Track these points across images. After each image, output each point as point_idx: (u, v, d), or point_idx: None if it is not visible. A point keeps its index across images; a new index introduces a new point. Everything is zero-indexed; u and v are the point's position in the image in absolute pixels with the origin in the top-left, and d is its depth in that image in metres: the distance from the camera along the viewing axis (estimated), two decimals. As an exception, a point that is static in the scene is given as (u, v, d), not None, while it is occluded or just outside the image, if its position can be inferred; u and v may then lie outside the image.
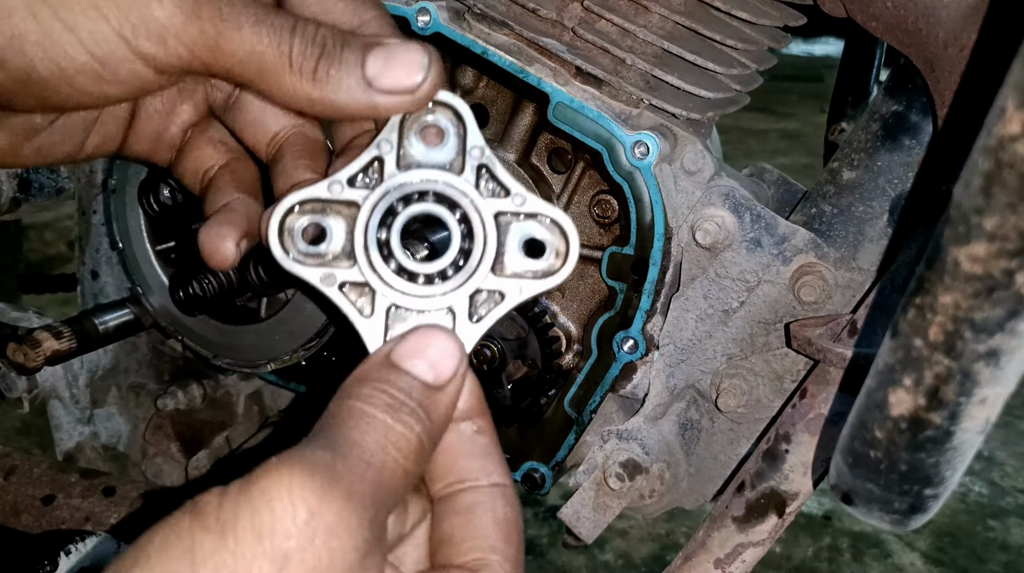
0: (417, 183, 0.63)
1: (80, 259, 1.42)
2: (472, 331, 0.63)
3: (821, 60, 9.53)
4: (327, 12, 0.67)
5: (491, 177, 0.63)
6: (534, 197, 0.63)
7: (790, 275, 0.96)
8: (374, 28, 0.68)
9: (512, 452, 1.13)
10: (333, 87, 0.62)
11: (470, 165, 0.63)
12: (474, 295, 0.63)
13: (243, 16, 0.61)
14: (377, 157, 0.63)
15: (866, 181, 0.96)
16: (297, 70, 0.62)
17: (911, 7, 0.88)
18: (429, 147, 0.63)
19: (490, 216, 0.63)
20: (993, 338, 0.53)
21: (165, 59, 0.61)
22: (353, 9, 0.68)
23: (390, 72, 0.62)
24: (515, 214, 0.63)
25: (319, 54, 0.62)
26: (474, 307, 0.63)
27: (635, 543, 3.05)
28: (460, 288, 0.63)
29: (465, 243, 0.63)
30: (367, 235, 0.63)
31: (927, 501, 0.66)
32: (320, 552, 0.47)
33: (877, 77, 1.48)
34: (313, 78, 0.62)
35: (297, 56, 0.62)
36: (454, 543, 0.58)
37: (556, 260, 0.63)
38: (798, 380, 0.99)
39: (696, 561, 0.96)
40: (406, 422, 0.54)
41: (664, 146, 0.96)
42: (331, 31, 0.63)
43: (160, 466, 1.45)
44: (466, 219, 0.63)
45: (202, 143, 0.75)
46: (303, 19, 0.63)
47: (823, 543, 3.11)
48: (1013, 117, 0.47)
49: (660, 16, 0.96)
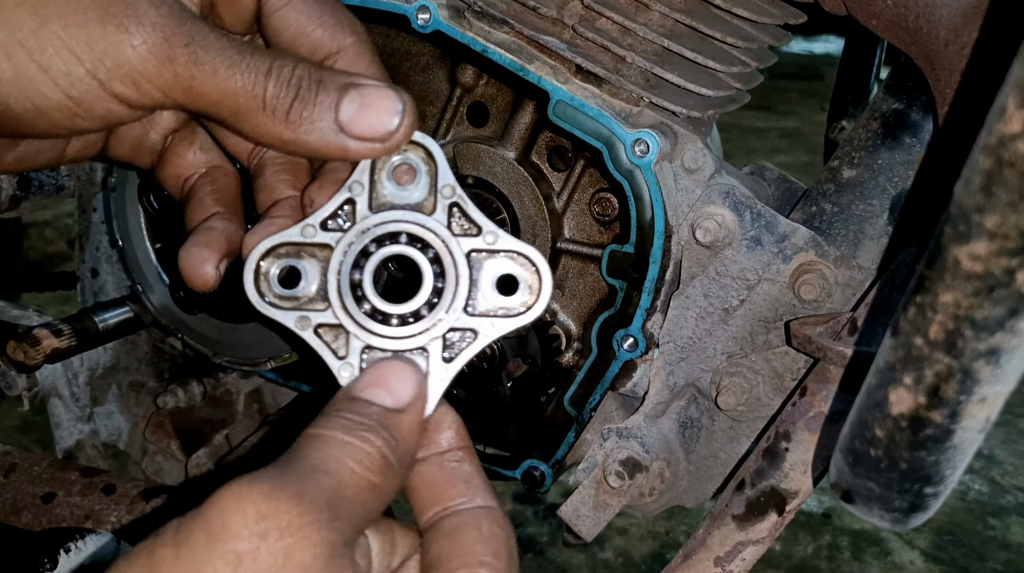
0: (390, 225, 0.64)
1: (80, 257, 1.42)
2: (446, 370, 0.64)
3: (821, 58, 9.53)
4: (305, 36, 0.68)
5: (463, 215, 0.64)
6: (505, 234, 0.64)
7: (790, 273, 0.96)
8: (351, 56, 0.68)
9: (512, 450, 1.13)
10: (306, 130, 0.63)
11: (442, 204, 0.64)
12: (447, 334, 0.64)
13: (218, 59, 0.62)
14: (349, 199, 0.64)
15: (866, 179, 0.96)
16: (271, 112, 0.62)
17: (912, 5, 0.88)
18: (401, 187, 0.65)
19: (462, 255, 0.64)
20: (994, 336, 0.53)
21: (139, 100, 0.62)
22: (332, 35, 0.68)
23: (364, 118, 0.62)
24: (488, 251, 0.64)
25: (293, 96, 0.63)
26: (448, 345, 0.64)
27: (635, 541, 3.06)
28: (433, 328, 0.63)
29: (438, 282, 0.64)
30: (340, 277, 0.64)
31: (927, 499, 0.66)
32: (274, 550, 0.47)
33: (877, 75, 1.48)
34: (286, 120, 0.63)
35: (271, 98, 0.62)
36: (442, 563, 0.58)
37: (530, 296, 0.64)
38: (798, 378, 0.99)
39: (696, 559, 0.96)
40: (363, 437, 0.55)
41: (664, 144, 0.95)
42: (308, 70, 0.64)
43: (160, 464, 1.45)
44: (438, 259, 0.64)
45: (183, 150, 0.75)
46: (280, 57, 0.64)
47: (823, 541, 3.11)
48: (1014, 115, 0.47)
49: (660, 14, 0.96)
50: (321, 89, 0.63)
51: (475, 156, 1.07)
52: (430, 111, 1.10)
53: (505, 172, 1.07)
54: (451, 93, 1.08)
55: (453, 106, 1.09)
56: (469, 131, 1.10)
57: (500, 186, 1.07)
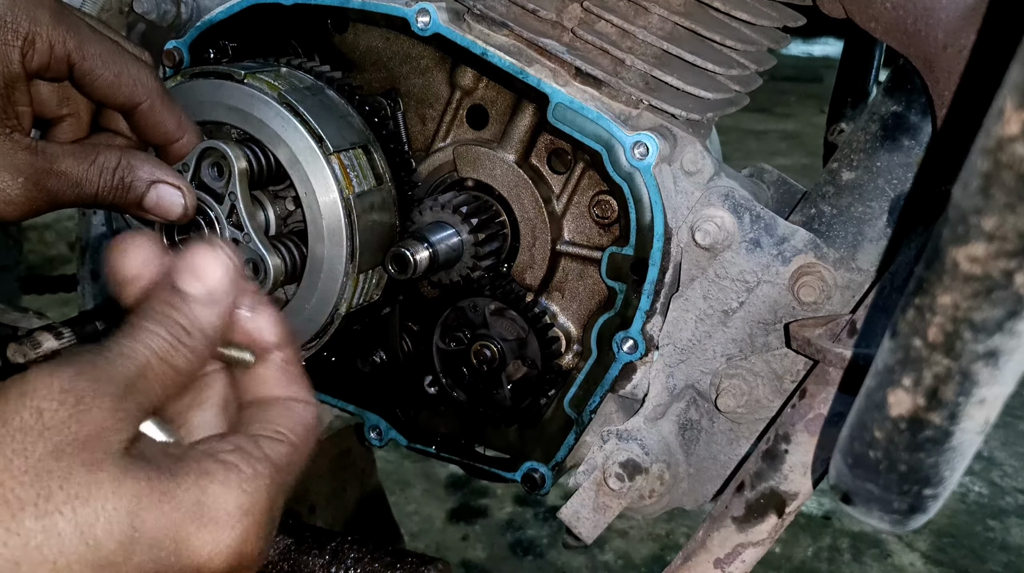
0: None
1: (80, 260, 1.42)
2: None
3: (820, 61, 9.53)
4: (116, 92, 0.93)
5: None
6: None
7: (789, 275, 0.96)
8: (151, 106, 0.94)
9: (512, 452, 1.13)
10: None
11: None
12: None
13: (67, 194, 0.90)
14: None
15: (865, 182, 0.96)
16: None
17: (910, 8, 0.88)
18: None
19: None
20: (992, 338, 0.53)
21: (13, 215, 0.89)
22: (132, 93, 0.93)
23: (159, 209, 0.96)
24: None
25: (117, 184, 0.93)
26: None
27: (635, 543, 3.06)
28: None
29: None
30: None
31: (926, 501, 0.66)
32: (72, 410, 0.56)
33: (876, 78, 1.48)
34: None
35: (103, 187, 0.92)
36: (243, 425, 0.67)
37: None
38: (798, 380, 0.99)
39: (696, 561, 0.96)
40: (165, 327, 0.63)
41: (664, 147, 0.96)
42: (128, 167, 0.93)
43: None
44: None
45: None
46: (104, 152, 0.92)
47: (823, 543, 3.11)
48: (1012, 118, 0.47)
49: (660, 17, 0.96)
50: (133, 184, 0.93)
51: (475, 159, 1.07)
52: (430, 114, 1.10)
53: (505, 175, 1.07)
54: (451, 96, 1.09)
55: (453, 109, 1.09)
56: (469, 134, 1.10)
57: (500, 189, 1.07)
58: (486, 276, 1.06)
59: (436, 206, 1.04)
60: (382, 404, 1.18)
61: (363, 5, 1.04)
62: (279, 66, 1.05)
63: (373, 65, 1.11)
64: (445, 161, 1.10)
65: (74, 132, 1.00)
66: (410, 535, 3.02)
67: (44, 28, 0.86)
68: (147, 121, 0.95)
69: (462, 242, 1.04)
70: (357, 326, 1.11)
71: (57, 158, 0.89)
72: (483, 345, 1.07)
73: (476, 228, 1.03)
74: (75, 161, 0.90)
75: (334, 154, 0.99)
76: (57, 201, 0.90)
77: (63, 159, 0.90)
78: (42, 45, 0.86)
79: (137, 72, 0.92)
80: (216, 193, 0.98)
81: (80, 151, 0.91)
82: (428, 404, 1.16)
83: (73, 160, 0.90)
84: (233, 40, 1.11)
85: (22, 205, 0.89)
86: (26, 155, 0.88)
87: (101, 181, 0.91)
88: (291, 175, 0.99)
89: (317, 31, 1.11)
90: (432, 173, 1.11)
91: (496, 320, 1.07)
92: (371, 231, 1.02)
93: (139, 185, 0.93)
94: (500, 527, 3.17)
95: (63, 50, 0.88)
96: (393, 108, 1.10)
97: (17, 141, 0.88)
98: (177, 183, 0.94)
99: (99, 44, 0.90)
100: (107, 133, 1.00)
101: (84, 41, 0.89)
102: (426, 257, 1.00)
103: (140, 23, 1.19)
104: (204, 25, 1.10)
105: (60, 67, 0.89)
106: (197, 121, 0.99)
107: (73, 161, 0.90)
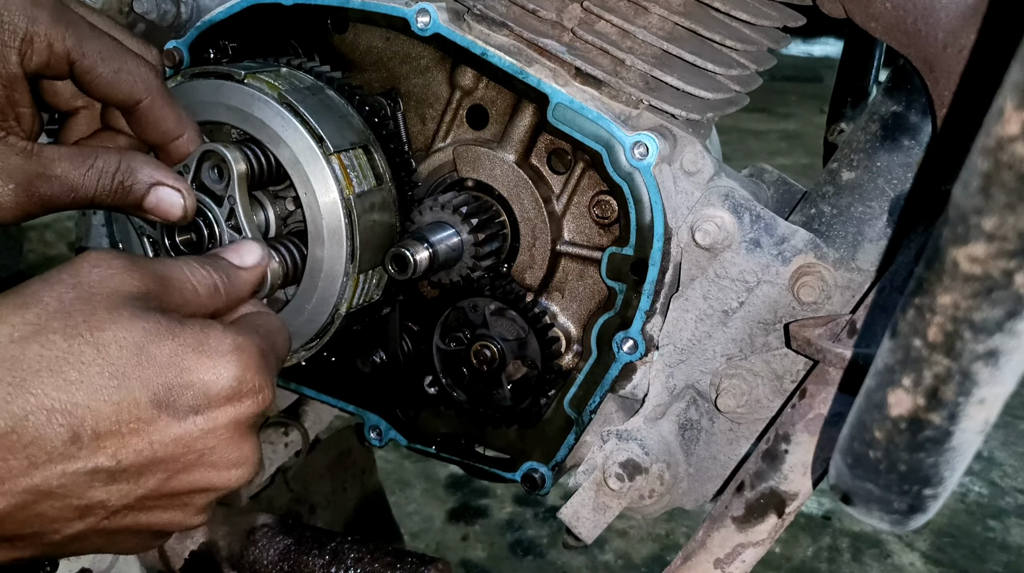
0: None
1: (80, 260, 1.42)
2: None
3: (820, 61, 9.54)
4: (115, 90, 0.93)
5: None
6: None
7: (789, 275, 0.96)
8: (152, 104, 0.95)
9: (512, 452, 1.13)
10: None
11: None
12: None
13: (62, 199, 0.90)
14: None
15: (865, 182, 0.96)
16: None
17: (910, 8, 0.88)
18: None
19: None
20: (992, 338, 0.53)
21: (4, 220, 0.90)
22: (131, 90, 0.94)
23: (159, 210, 0.97)
24: None
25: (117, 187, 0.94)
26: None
27: (635, 543, 3.06)
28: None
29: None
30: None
31: (926, 501, 0.66)
32: (125, 319, 0.70)
33: (876, 78, 1.48)
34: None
35: (101, 190, 0.92)
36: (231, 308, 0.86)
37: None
38: (797, 380, 0.99)
39: (696, 561, 0.96)
40: (207, 268, 0.82)
41: (664, 147, 0.96)
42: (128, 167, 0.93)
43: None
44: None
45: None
46: (102, 156, 0.92)
47: (823, 543, 3.11)
48: (1012, 118, 0.47)
49: (659, 17, 0.96)
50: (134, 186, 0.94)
51: (475, 159, 1.07)
52: (430, 114, 1.10)
53: (505, 175, 1.07)
54: (451, 96, 1.09)
55: (453, 109, 1.09)
56: (469, 134, 1.10)
57: (500, 189, 1.07)
58: (486, 276, 1.06)
59: (436, 206, 1.04)
60: (382, 404, 1.18)
61: (363, 5, 1.04)
62: (279, 66, 1.05)
63: (373, 65, 1.11)
64: (445, 161, 1.10)
65: (89, 125, 0.99)
66: (410, 535, 3.02)
67: (42, 27, 0.86)
68: (147, 118, 0.94)
69: (462, 242, 1.04)
70: (357, 326, 1.11)
71: (53, 162, 0.88)
72: (483, 345, 1.07)
73: (476, 228, 1.03)
74: (72, 165, 0.89)
75: (334, 154, 0.99)
76: (51, 206, 0.90)
77: (60, 163, 0.89)
78: (40, 44, 0.86)
79: (137, 69, 0.92)
80: (216, 195, 0.98)
81: (78, 154, 0.90)
82: (428, 404, 1.16)
83: (70, 164, 0.89)
84: (233, 40, 1.11)
85: (12, 210, 0.88)
86: (19, 160, 0.87)
87: (99, 185, 0.90)
88: (291, 175, 0.99)
89: (317, 31, 1.11)
90: (432, 173, 1.11)
91: (496, 320, 1.07)
92: (371, 231, 1.02)
93: (139, 187, 0.93)
94: (500, 527, 3.17)
95: (62, 48, 0.87)
96: (393, 108, 1.10)
97: (12, 145, 0.87)
98: (177, 185, 0.94)
99: (98, 41, 0.90)
100: (109, 132, 0.99)
101: (83, 38, 0.88)
102: (426, 257, 1.00)
103: (140, 23, 1.19)
104: (204, 25, 1.11)
105: (60, 65, 0.88)
106: (197, 121, 0.99)
107: (70, 165, 0.89)
